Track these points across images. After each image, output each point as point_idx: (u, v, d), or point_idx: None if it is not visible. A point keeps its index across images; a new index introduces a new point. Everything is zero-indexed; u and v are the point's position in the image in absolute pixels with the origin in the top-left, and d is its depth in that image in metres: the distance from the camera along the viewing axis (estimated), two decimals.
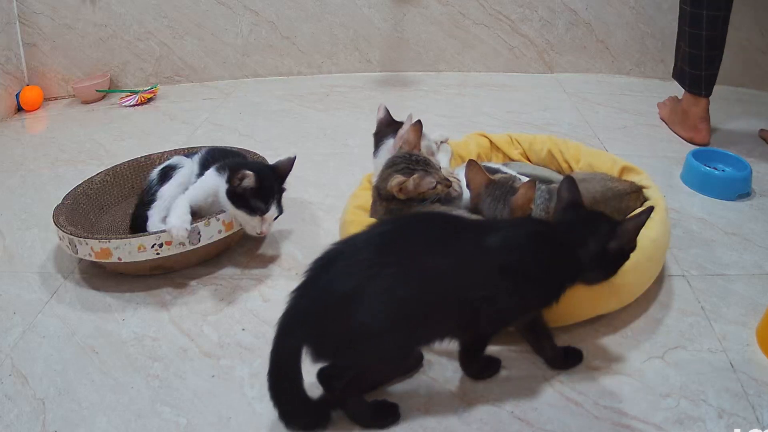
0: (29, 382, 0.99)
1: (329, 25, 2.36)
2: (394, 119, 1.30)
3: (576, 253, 0.86)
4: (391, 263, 0.79)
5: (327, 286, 0.79)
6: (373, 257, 0.79)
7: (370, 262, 0.79)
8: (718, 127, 1.84)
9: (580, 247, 0.86)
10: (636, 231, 0.88)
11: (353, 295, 0.77)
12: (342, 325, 0.78)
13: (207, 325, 1.10)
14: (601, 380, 0.94)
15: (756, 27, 2.11)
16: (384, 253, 0.80)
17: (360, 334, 0.78)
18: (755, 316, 1.05)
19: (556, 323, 1.01)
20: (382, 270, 0.78)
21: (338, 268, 0.80)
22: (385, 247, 0.82)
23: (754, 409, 0.87)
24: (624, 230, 0.87)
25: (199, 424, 0.90)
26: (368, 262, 0.79)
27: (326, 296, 0.79)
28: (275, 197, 1.20)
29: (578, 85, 2.22)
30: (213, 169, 1.25)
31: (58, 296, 1.20)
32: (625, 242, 0.88)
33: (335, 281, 0.78)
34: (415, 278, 0.79)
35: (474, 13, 2.28)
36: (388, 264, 0.78)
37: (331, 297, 0.78)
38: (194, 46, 2.40)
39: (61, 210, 1.26)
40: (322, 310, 0.79)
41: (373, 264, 0.78)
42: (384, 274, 0.78)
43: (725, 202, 1.42)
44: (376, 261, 0.79)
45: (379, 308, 0.77)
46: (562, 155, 1.40)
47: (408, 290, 0.78)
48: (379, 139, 1.27)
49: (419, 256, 0.81)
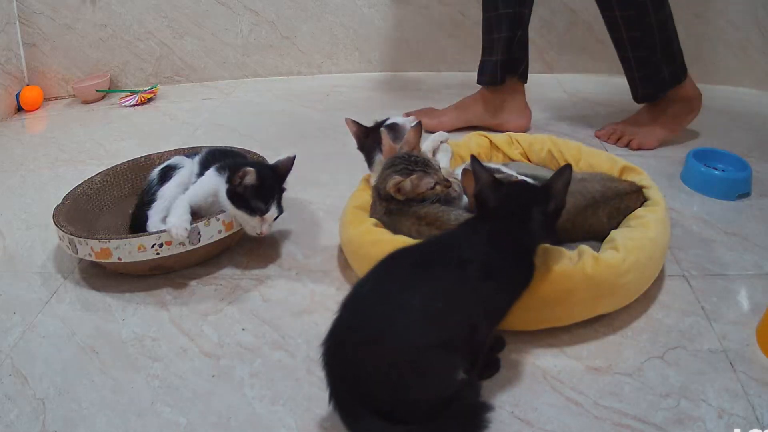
0: (29, 382, 0.99)
1: (329, 25, 2.36)
2: (367, 126, 1.32)
3: (529, 228, 0.89)
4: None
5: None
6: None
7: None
8: (719, 127, 1.84)
9: (529, 220, 0.89)
10: (565, 188, 0.91)
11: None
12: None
13: (207, 325, 1.10)
14: (601, 380, 0.94)
15: (756, 27, 2.11)
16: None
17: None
18: (755, 316, 1.05)
19: (556, 323, 1.02)
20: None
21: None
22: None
23: (754, 409, 0.87)
24: (556, 190, 0.90)
25: (199, 424, 0.90)
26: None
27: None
28: (275, 197, 1.20)
29: (578, 85, 2.22)
30: (213, 170, 1.25)
31: (58, 296, 1.20)
32: (559, 201, 0.91)
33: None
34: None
35: (474, 13, 2.28)
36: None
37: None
38: (194, 46, 2.40)
39: (61, 210, 1.26)
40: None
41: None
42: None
43: (725, 202, 1.42)
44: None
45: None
46: (562, 155, 1.40)
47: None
48: (368, 152, 1.28)
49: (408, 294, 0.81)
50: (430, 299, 0.80)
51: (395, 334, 0.78)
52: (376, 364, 0.77)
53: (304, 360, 1.00)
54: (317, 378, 0.96)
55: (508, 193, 0.92)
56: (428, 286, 0.81)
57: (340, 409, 0.80)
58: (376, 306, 0.81)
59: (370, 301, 0.82)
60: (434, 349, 0.79)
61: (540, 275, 0.94)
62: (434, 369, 0.80)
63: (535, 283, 0.93)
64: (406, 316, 0.79)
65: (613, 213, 1.13)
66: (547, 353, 0.99)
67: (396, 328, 0.78)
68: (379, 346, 0.77)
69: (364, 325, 0.80)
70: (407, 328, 0.78)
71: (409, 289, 0.81)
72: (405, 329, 0.78)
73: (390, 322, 0.78)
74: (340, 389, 0.80)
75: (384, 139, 1.17)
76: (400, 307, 0.79)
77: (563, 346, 1.00)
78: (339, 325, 0.81)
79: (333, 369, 0.80)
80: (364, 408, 0.78)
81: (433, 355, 0.79)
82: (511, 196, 0.92)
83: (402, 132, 1.29)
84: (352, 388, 0.79)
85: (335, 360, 0.80)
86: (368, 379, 0.78)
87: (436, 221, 1.07)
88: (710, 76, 2.22)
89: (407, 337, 0.78)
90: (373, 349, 0.78)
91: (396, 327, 0.78)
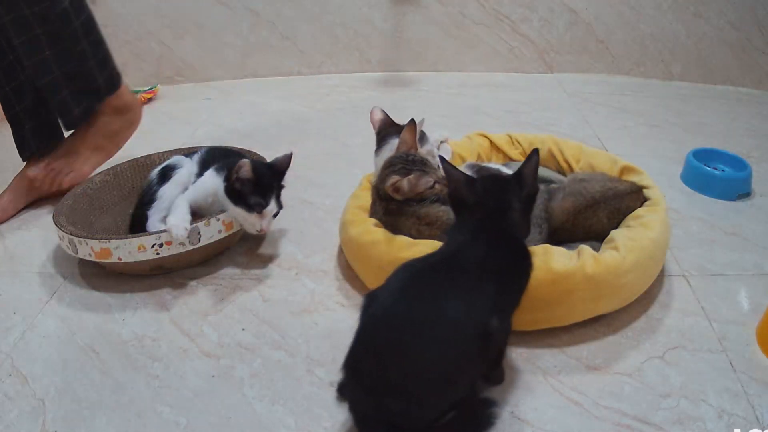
0: (29, 382, 0.99)
1: (329, 25, 2.36)
2: (394, 121, 1.31)
3: (513, 219, 0.90)
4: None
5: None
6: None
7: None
8: (719, 127, 1.84)
9: (509, 210, 0.90)
10: (534, 173, 0.92)
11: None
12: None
13: (207, 325, 1.10)
14: (601, 380, 0.94)
15: (756, 27, 2.11)
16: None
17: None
18: (755, 316, 1.05)
19: (556, 323, 1.02)
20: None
21: None
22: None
23: (754, 409, 0.87)
24: (526, 176, 0.91)
25: (199, 424, 0.90)
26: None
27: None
28: (274, 193, 1.20)
29: (578, 85, 2.22)
30: (212, 170, 1.25)
31: (58, 296, 1.20)
32: (530, 187, 0.92)
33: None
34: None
35: (474, 13, 2.28)
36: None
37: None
38: (194, 46, 2.40)
39: (61, 210, 1.26)
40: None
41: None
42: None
43: (725, 202, 1.42)
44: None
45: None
46: (562, 155, 1.40)
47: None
48: (383, 138, 1.27)
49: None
50: (453, 310, 0.79)
51: (425, 347, 0.77)
52: (405, 376, 0.76)
53: (303, 360, 1.00)
54: (317, 378, 0.97)
55: (484, 188, 0.91)
56: (448, 297, 0.80)
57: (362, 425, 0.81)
58: (404, 320, 0.79)
59: (395, 315, 0.80)
60: (463, 358, 0.79)
61: (540, 275, 0.94)
62: (462, 379, 0.80)
63: (535, 283, 0.93)
64: (434, 328, 0.78)
65: (613, 213, 1.13)
66: (547, 353, 0.99)
67: (426, 340, 0.77)
68: (410, 358, 0.76)
69: (394, 340, 0.78)
70: (437, 341, 0.77)
71: (432, 301, 0.80)
72: (434, 342, 0.77)
73: (419, 335, 0.77)
74: (364, 405, 0.80)
75: (406, 133, 1.15)
76: (428, 320, 0.78)
77: (563, 346, 1.00)
78: (365, 340, 0.80)
79: (360, 383, 0.80)
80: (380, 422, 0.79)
81: (463, 365, 0.79)
82: (488, 190, 0.91)
83: (425, 140, 1.28)
84: (376, 404, 0.78)
85: (360, 375, 0.79)
86: (395, 393, 0.77)
87: (436, 221, 1.07)
88: (710, 76, 2.23)
89: (438, 350, 0.77)
90: (406, 361, 0.77)
91: (426, 339, 0.77)
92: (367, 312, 0.82)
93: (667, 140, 1.77)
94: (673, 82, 2.26)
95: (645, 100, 2.07)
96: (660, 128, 1.86)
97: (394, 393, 0.77)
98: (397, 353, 0.77)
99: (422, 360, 0.76)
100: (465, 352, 0.79)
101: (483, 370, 0.88)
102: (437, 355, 0.77)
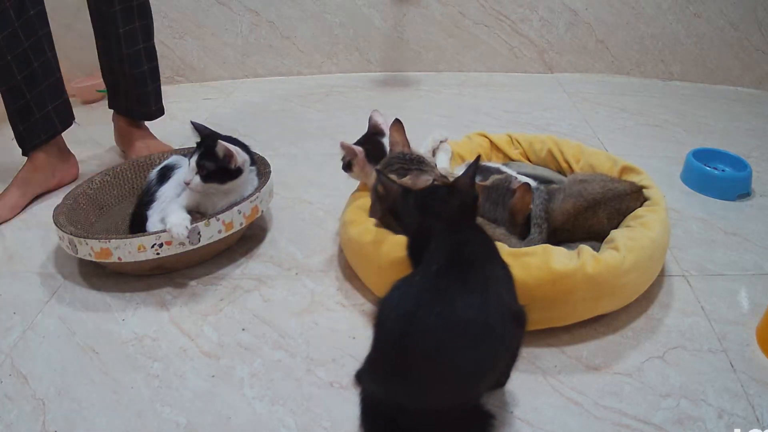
0: (29, 382, 0.99)
1: (329, 25, 2.36)
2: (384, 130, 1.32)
3: (457, 220, 0.91)
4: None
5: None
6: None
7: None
8: (719, 127, 1.84)
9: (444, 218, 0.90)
10: (472, 181, 0.93)
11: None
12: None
13: (207, 325, 1.10)
14: (601, 380, 0.94)
15: (756, 27, 2.11)
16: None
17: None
18: (755, 316, 1.05)
19: (556, 323, 1.02)
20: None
21: None
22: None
23: (754, 409, 0.87)
24: (462, 185, 0.92)
25: (199, 424, 0.90)
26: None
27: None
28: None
29: (578, 85, 2.23)
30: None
31: (58, 296, 1.20)
32: (466, 194, 0.92)
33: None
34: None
35: (474, 13, 2.28)
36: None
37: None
38: (194, 46, 2.40)
39: (61, 210, 1.26)
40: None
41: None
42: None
43: (725, 202, 1.42)
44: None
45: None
46: (562, 155, 1.40)
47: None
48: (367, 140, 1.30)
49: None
50: (478, 303, 0.77)
51: (453, 352, 0.75)
52: (433, 382, 0.75)
53: (303, 360, 1.00)
54: (317, 378, 0.97)
55: (423, 202, 0.92)
56: (469, 292, 0.78)
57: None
58: (428, 324, 0.76)
59: (418, 319, 0.76)
60: (496, 347, 0.78)
61: (540, 275, 0.94)
62: (482, 382, 0.79)
63: (536, 283, 0.93)
64: (459, 332, 0.75)
65: (614, 214, 1.14)
66: (547, 353, 0.99)
67: (454, 345, 0.75)
68: (438, 362, 0.75)
69: (419, 344, 0.75)
70: (464, 346, 0.75)
71: (454, 299, 0.77)
72: (461, 347, 0.75)
73: (444, 338, 0.75)
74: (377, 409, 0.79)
75: (394, 134, 1.16)
76: (457, 317, 0.76)
77: (563, 346, 1.00)
78: (385, 345, 0.78)
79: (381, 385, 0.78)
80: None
81: (497, 351, 0.78)
82: (426, 202, 0.92)
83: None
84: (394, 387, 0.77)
85: (381, 379, 0.78)
86: (415, 397, 0.76)
87: None
88: (710, 76, 2.23)
89: (466, 354, 0.75)
90: (437, 365, 0.75)
91: (453, 344, 0.75)
92: (392, 304, 0.80)
93: (667, 140, 1.77)
94: (673, 82, 2.26)
95: (645, 100, 2.07)
96: (660, 128, 1.86)
97: (418, 381, 0.75)
98: (432, 349, 0.74)
99: (458, 356, 0.75)
100: (498, 341, 0.77)
101: (506, 363, 0.86)
102: (474, 348, 0.75)
